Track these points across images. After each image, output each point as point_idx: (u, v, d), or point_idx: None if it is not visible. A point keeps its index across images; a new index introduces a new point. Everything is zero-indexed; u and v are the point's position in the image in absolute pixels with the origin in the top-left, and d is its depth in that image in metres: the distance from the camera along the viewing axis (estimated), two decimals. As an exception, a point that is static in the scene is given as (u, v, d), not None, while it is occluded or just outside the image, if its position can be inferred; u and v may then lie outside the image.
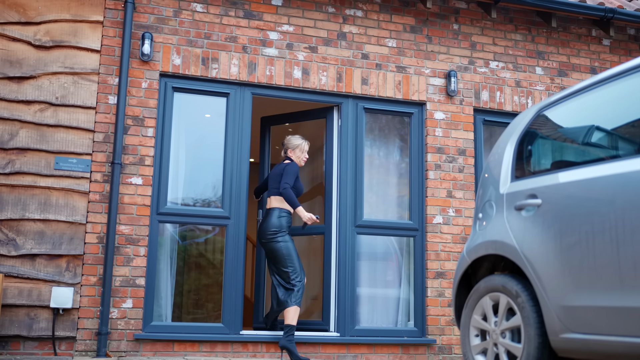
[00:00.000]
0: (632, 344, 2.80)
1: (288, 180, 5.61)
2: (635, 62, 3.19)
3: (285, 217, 5.66)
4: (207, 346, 5.52)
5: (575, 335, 3.08)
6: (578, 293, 3.08)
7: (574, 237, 3.14)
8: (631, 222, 2.85)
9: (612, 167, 3.06)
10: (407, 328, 6.17)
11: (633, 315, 2.80)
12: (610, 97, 3.38)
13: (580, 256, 3.09)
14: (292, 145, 5.88)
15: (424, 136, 6.41)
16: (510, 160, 3.85)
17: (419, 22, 6.54)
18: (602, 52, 7.07)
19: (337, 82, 6.20)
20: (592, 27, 7.07)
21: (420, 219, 6.29)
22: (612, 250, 2.92)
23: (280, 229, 5.60)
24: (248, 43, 6.02)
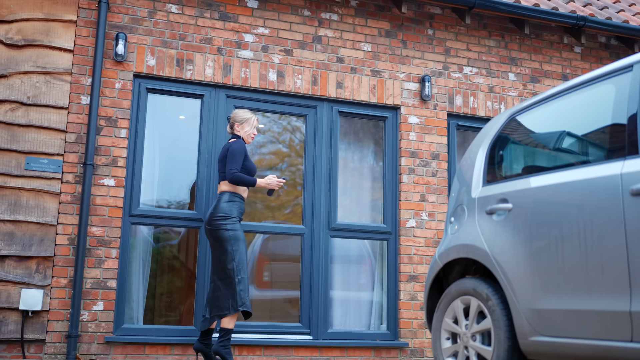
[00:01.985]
0: (599, 347, 2.84)
1: (234, 163, 5.10)
2: (605, 70, 3.24)
3: (237, 202, 5.15)
4: (179, 349, 5.48)
5: (544, 339, 3.12)
6: (547, 296, 3.12)
7: (543, 241, 3.18)
8: (599, 227, 2.89)
9: (581, 172, 3.10)
10: (379, 331, 6.19)
11: (600, 319, 2.84)
12: (580, 104, 3.43)
13: (550, 260, 3.13)
14: (239, 119, 5.33)
15: (398, 140, 6.45)
16: (482, 164, 3.89)
17: (394, 26, 6.58)
18: (573, 59, 7.18)
19: (312, 86, 6.21)
20: (564, 35, 7.18)
21: (394, 222, 6.32)
22: (581, 255, 2.96)
23: (230, 215, 5.06)
24: (223, 45, 6.01)
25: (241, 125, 5.33)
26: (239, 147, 5.17)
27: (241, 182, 5.10)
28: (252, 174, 5.25)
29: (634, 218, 2.73)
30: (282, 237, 6.29)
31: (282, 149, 6.43)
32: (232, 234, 5.02)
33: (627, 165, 2.85)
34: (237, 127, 5.34)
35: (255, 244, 6.29)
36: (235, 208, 5.12)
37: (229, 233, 5.01)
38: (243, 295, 4.93)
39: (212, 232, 5.10)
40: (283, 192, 6.48)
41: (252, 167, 5.29)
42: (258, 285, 6.26)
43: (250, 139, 5.39)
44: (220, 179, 5.27)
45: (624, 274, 2.74)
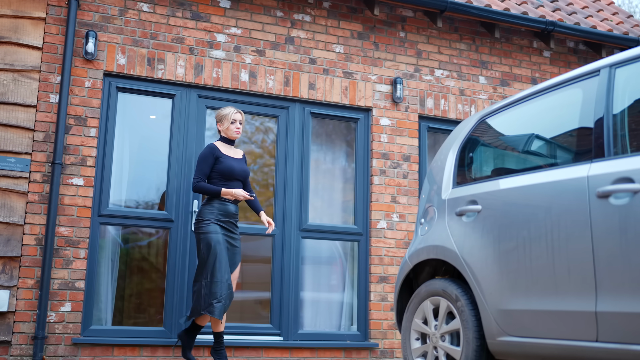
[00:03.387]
0: (566, 347, 2.89)
1: (196, 172, 5.05)
2: (573, 74, 3.29)
3: (215, 204, 5.03)
4: (148, 350, 5.44)
5: (512, 339, 3.16)
6: (515, 297, 3.16)
7: (512, 243, 3.22)
8: (566, 228, 2.94)
9: (549, 175, 3.15)
10: (350, 332, 6.20)
11: (567, 319, 2.88)
12: (549, 107, 3.48)
13: (518, 261, 3.17)
14: (217, 117, 5.25)
15: (369, 142, 6.48)
16: (452, 166, 3.92)
17: (366, 28, 6.61)
18: (542, 64, 7.27)
19: (285, 87, 6.20)
20: (534, 39, 7.27)
21: (365, 223, 6.34)
22: (548, 256, 3.01)
23: (203, 218, 4.99)
24: (195, 44, 5.98)
25: (220, 123, 5.23)
26: (203, 153, 5.10)
27: (202, 192, 5.06)
28: (228, 175, 5.08)
29: (599, 220, 2.78)
30: (253, 238, 6.27)
31: (254, 150, 6.41)
32: (202, 236, 4.97)
33: (594, 168, 2.89)
34: (218, 127, 5.27)
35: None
36: (212, 210, 5.01)
37: (200, 236, 4.99)
38: (207, 299, 4.83)
39: (195, 235, 5.17)
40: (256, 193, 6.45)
41: (227, 167, 5.08)
42: (229, 286, 6.22)
43: (234, 133, 5.21)
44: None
45: (590, 274, 2.79)
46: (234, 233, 5.12)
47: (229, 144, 5.25)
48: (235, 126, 5.18)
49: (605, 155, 2.89)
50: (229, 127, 5.18)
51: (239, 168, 5.14)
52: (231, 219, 5.09)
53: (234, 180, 5.11)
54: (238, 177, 5.13)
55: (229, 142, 5.24)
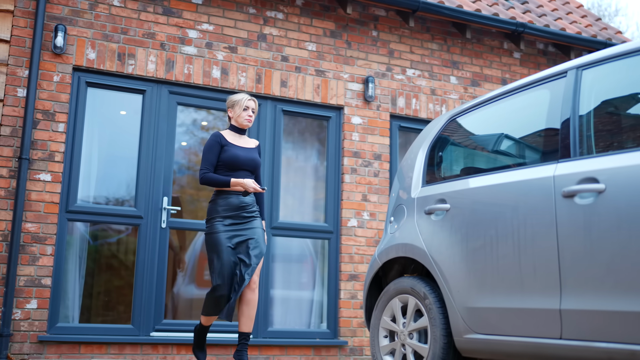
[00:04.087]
0: (531, 344, 2.93)
1: (202, 164, 4.61)
2: (541, 75, 3.34)
3: (220, 199, 4.59)
4: (115, 348, 5.39)
5: (478, 336, 3.19)
6: (482, 295, 3.19)
7: (479, 241, 3.26)
8: (532, 227, 2.98)
9: (517, 174, 3.19)
10: (319, 330, 6.21)
11: (532, 317, 2.92)
12: (517, 108, 3.52)
13: (485, 260, 3.20)
14: (229, 104, 4.78)
15: (341, 140, 6.49)
16: (422, 165, 3.95)
17: (339, 27, 6.62)
18: (512, 65, 7.35)
19: (256, 84, 6.19)
20: (504, 40, 7.35)
21: (336, 221, 6.35)
22: (514, 255, 3.04)
23: (209, 217, 4.59)
24: (166, 40, 5.93)
25: (231, 110, 4.75)
26: (208, 143, 4.63)
27: (210, 184, 4.59)
28: (232, 164, 4.60)
29: (564, 219, 2.82)
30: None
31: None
32: (207, 237, 4.57)
33: (560, 168, 2.94)
34: (229, 113, 4.79)
35: (197, 243, 6.23)
36: (215, 208, 4.57)
37: (205, 237, 4.61)
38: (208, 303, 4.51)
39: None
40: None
41: (231, 157, 4.61)
42: (199, 284, 6.20)
43: (245, 122, 4.72)
44: None
45: (555, 273, 2.83)
46: (246, 222, 4.56)
47: (238, 133, 4.75)
48: (247, 114, 4.72)
49: (571, 156, 2.94)
50: (241, 114, 4.71)
51: (245, 157, 4.64)
52: (240, 211, 4.56)
53: (241, 170, 4.62)
54: (245, 167, 4.63)
55: (238, 131, 4.75)
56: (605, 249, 2.64)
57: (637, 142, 2.74)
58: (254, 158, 4.70)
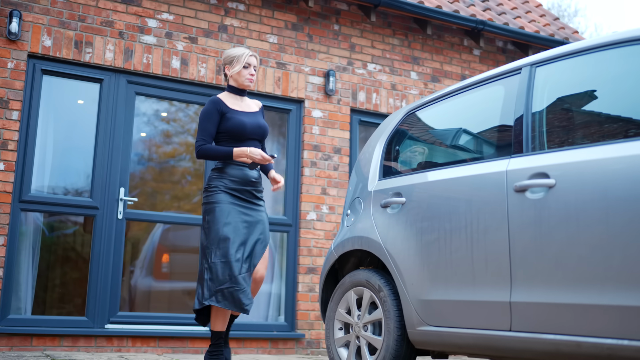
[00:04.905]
0: (481, 336, 2.97)
1: (199, 134, 3.90)
2: (496, 72, 3.38)
3: (225, 168, 3.90)
4: (69, 340, 5.31)
5: (431, 328, 3.23)
6: (434, 288, 3.23)
7: (433, 235, 3.29)
8: (485, 221, 3.02)
9: (471, 169, 3.23)
10: (277, 323, 6.21)
11: (483, 309, 2.97)
12: (473, 103, 3.56)
13: (439, 253, 3.24)
14: (227, 59, 4.06)
15: (301, 133, 6.49)
16: (379, 159, 3.97)
17: (300, 20, 6.60)
18: (472, 62, 7.43)
19: (217, 75, 6.14)
20: (464, 37, 7.42)
21: (294, 214, 6.35)
22: (467, 248, 3.08)
23: (212, 185, 3.89)
24: (125, 29, 5.85)
25: (229, 67, 4.04)
26: (205, 110, 3.92)
27: (209, 157, 3.90)
28: (238, 134, 3.91)
29: (516, 213, 2.86)
30: (183, 227, 6.20)
31: (187, 139, 6.34)
32: (205, 208, 3.87)
33: (513, 163, 2.98)
34: (226, 71, 4.08)
35: (155, 235, 6.18)
36: (221, 177, 3.89)
37: (204, 207, 3.89)
38: (211, 285, 3.68)
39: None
40: (187, 182, 6.38)
41: (237, 125, 3.90)
42: (156, 276, 6.15)
43: (246, 81, 4.03)
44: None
45: (506, 266, 2.87)
46: (254, 205, 3.93)
47: (239, 95, 4.07)
48: (249, 72, 4.03)
49: (523, 151, 2.98)
50: (241, 72, 4.01)
51: (252, 124, 3.95)
52: (249, 186, 3.91)
53: (248, 140, 3.93)
54: (253, 136, 3.95)
55: (238, 93, 4.06)
56: (554, 242, 2.69)
57: (587, 138, 2.80)
58: (261, 124, 4.02)
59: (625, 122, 2.71)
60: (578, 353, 2.56)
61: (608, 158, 2.58)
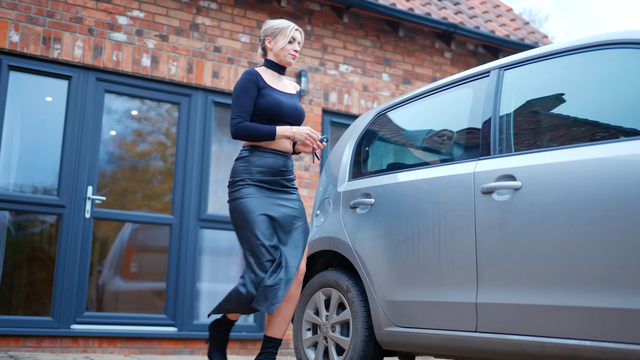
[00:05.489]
0: (447, 337, 2.98)
1: (235, 110, 3.45)
2: (466, 74, 3.40)
3: (252, 158, 3.49)
4: (34, 341, 5.22)
5: (398, 329, 3.24)
6: (402, 289, 3.23)
7: (401, 236, 3.30)
8: (452, 222, 3.03)
9: (439, 170, 3.24)
10: (246, 323, 6.18)
11: (449, 310, 2.98)
12: (443, 105, 3.58)
13: (406, 254, 3.25)
14: (269, 30, 3.64)
15: (272, 133, 6.46)
16: (349, 160, 3.97)
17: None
18: (443, 64, 7.48)
19: (188, 74, 6.10)
20: (436, 40, 7.46)
21: (265, 215, 6.32)
22: (435, 249, 3.10)
23: (234, 179, 3.48)
24: (95, 26, 5.78)
25: (271, 40, 3.62)
26: (241, 83, 3.50)
27: (248, 137, 3.44)
28: (273, 114, 3.50)
29: (482, 215, 2.88)
30: (152, 227, 6.15)
31: (159, 138, 6.28)
32: (232, 206, 3.45)
33: (480, 165, 3.00)
34: (268, 45, 3.65)
35: (124, 234, 6.11)
36: (247, 167, 3.47)
37: (232, 204, 3.46)
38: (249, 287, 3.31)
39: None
40: (158, 182, 6.32)
41: (275, 104, 3.50)
42: (125, 276, 6.08)
43: (289, 57, 3.62)
44: None
45: (472, 267, 2.89)
46: (287, 194, 3.54)
47: (277, 72, 3.66)
48: (293, 48, 3.62)
49: (491, 154, 3.01)
50: (285, 47, 3.60)
51: (289, 105, 3.56)
52: (279, 176, 3.52)
53: (283, 122, 3.53)
54: (288, 119, 3.55)
55: (278, 70, 3.66)
56: (519, 244, 2.71)
57: (553, 141, 2.83)
58: (299, 107, 3.62)
59: (591, 126, 2.75)
60: (542, 354, 2.59)
61: (573, 161, 2.61)
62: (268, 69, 3.66)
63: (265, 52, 3.69)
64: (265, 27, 3.67)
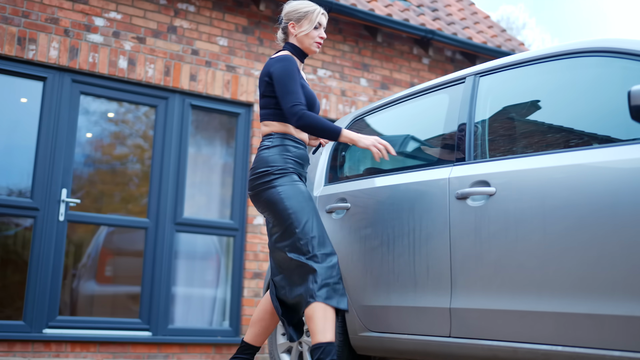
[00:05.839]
0: (422, 342, 2.99)
1: (291, 97, 3.14)
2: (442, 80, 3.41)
3: (289, 147, 3.24)
4: (4, 345, 5.14)
5: (372, 334, 3.23)
6: (377, 294, 3.23)
7: (376, 241, 3.30)
8: (427, 228, 3.04)
9: (415, 175, 3.25)
10: (221, 328, 6.15)
11: (423, 315, 2.99)
12: (419, 110, 3.59)
13: (381, 259, 3.25)
14: (294, 14, 3.35)
15: (249, 137, 6.45)
16: (325, 164, 3.97)
17: (251, 23, 6.57)
18: (421, 70, 7.52)
19: (165, 76, 6.06)
20: (414, 46, 7.50)
21: (241, 219, 6.31)
22: (409, 254, 3.10)
23: (274, 167, 3.17)
24: (71, 27, 5.72)
25: (296, 25, 3.34)
26: (286, 69, 3.18)
27: (313, 128, 3.13)
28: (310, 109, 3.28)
29: (457, 220, 2.89)
30: (128, 230, 6.09)
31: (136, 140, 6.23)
32: (279, 190, 3.12)
33: (455, 171, 3.01)
34: (292, 30, 3.36)
35: (99, 237, 6.05)
36: (286, 157, 3.21)
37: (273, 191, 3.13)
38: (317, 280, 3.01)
39: (254, 199, 3.24)
40: (135, 185, 6.27)
41: (311, 97, 3.28)
42: (99, 280, 6.02)
43: (314, 45, 3.36)
44: (262, 117, 3.33)
45: (447, 272, 2.90)
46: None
47: (301, 61, 3.41)
48: (319, 34, 3.35)
49: (466, 159, 3.02)
50: (311, 33, 3.33)
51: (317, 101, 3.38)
52: (306, 169, 3.40)
53: None
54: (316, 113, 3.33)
55: (300, 57, 3.38)
56: (493, 250, 2.72)
57: (528, 148, 2.85)
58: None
59: (565, 133, 2.77)
60: (514, 359, 2.60)
61: (547, 167, 2.63)
62: (293, 55, 3.33)
63: (287, 36, 3.39)
64: (288, 9, 3.37)
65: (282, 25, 3.40)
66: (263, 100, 3.30)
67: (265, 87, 3.26)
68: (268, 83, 3.24)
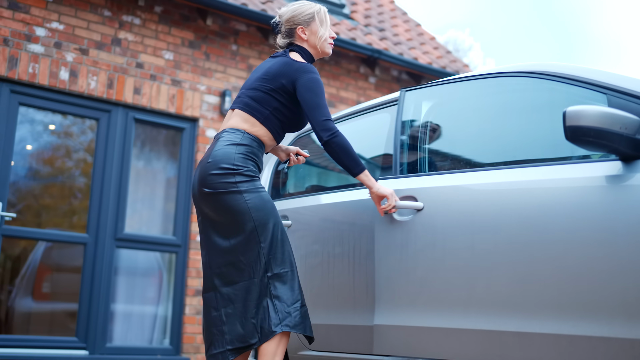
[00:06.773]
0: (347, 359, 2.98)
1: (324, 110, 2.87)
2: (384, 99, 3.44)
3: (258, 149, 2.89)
4: None
5: (310, 352, 3.21)
6: (316, 312, 3.22)
7: (317, 259, 3.29)
8: (366, 245, 3.04)
9: (356, 193, 3.25)
10: (162, 346, 6.04)
11: (350, 333, 2.98)
12: (363, 128, 3.61)
13: (322, 277, 3.24)
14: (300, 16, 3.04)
15: (194, 152, 6.38)
16: (268, 181, 3.95)
17: (198, 38, 6.53)
18: (368, 89, 7.59)
19: (108, 89, 5.96)
20: (361, 65, 7.57)
21: (184, 235, 6.22)
22: (349, 272, 3.10)
23: (243, 168, 2.77)
24: (10, 36, 5.59)
25: (307, 28, 3.04)
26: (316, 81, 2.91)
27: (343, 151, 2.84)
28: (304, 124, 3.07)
29: (382, 235, 2.89)
30: (66, 246, 5.94)
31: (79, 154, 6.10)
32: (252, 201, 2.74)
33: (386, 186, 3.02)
34: (300, 34, 3.05)
35: (37, 253, 5.88)
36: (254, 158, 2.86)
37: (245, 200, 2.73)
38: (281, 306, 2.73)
39: (214, 198, 2.76)
40: (77, 199, 6.12)
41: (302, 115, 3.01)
42: (36, 297, 5.85)
43: (329, 47, 3.10)
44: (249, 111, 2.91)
45: (372, 289, 2.90)
46: None
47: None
48: (330, 33, 3.11)
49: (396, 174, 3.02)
50: (326, 37, 3.06)
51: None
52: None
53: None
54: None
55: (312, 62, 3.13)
56: (419, 265, 2.73)
57: (457, 164, 2.88)
58: None
59: (494, 151, 2.82)
60: (444, 377, 2.61)
61: (477, 184, 2.65)
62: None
63: (294, 39, 3.07)
64: (291, 13, 3.05)
65: (286, 31, 3.09)
66: (262, 96, 2.92)
67: (274, 86, 2.91)
68: (283, 86, 2.90)
